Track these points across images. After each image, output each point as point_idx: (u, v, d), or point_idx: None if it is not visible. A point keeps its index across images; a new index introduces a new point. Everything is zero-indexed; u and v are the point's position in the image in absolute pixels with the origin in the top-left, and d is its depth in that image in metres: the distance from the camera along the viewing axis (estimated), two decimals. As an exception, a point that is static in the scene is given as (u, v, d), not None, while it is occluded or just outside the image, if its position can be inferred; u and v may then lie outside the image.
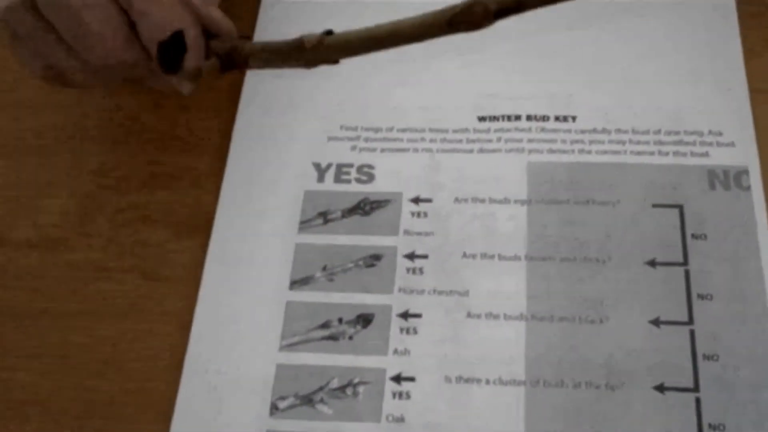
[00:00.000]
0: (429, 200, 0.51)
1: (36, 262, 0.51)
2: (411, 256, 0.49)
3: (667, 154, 0.51)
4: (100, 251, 0.51)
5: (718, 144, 0.51)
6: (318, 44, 0.42)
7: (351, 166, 0.52)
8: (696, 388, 0.44)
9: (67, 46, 0.45)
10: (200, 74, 0.45)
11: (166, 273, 0.50)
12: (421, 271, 0.48)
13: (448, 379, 0.45)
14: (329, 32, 0.42)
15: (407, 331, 0.47)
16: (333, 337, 0.47)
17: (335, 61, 0.43)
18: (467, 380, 0.45)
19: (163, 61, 0.44)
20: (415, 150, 0.52)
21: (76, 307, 0.50)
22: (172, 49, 0.44)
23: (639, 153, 0.51)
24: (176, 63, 0.44)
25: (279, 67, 0.45)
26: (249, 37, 0.45)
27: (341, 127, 0.53)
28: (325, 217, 0.51)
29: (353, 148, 0.53)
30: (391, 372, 0.46)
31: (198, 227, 0.51)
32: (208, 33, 0.45)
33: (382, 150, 0.52)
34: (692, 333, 0.45)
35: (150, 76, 0.47)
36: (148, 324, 0.49)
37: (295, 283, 0.49)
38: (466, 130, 0.53)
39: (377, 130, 0.53)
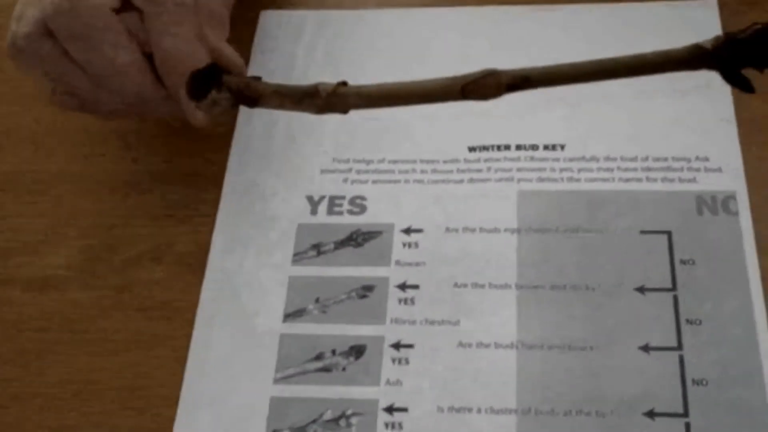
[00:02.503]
0: (420, 230, 0.51)
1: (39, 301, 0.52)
2: (403, 287, 0.49)
3: (655, 180, 0.51)
4: (102, 289, 0.52)
5: (706, 170, 0.51)
6: (332, 93, 0.43)
7: (343, 198, 0.53)
8: (686, 413, 0.44)
9: (81, 73, 0.46)
10: (215, 106, 0.46)
11: (162, 308, 0.51)
12: (412, 301, 0.49)
13: (440, 409, 0.46)
14: (344, 83, 0.43)
15: (399, 362, 0.47)
16: (326, 369, 0.48)
17: (345, 111, 0.44)
18: (459, 410, 0.46)
19: (192, 89, 0.45)
20: (407, 181, 0.53)
21: (79, 344, 0.50)
22: (204, 80, 0.45)
23: (627, 180, 0.51)
24: (204, 92, 0.45)
25: (289, 109, 0.46)
26: (259, 78, 0.46)
27: (333, 160, 0.54)
28: (318, 249, 0.51)
29: (345, 180, 0.53)
30: (384, 403, 0.46)
31: (193, 261, 0.52)
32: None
33: (374, 182, 0.53)
34: (681, 358, 0.46)
35: (160, 105, 0.48)
36: (149, 360, 0.49)
37: (289, 316, 0.49)
38: (456, 160, 0.53)
39: (369, 162, 0.54)
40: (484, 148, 0.54)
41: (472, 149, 0.54)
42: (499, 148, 0.53)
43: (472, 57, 0.57)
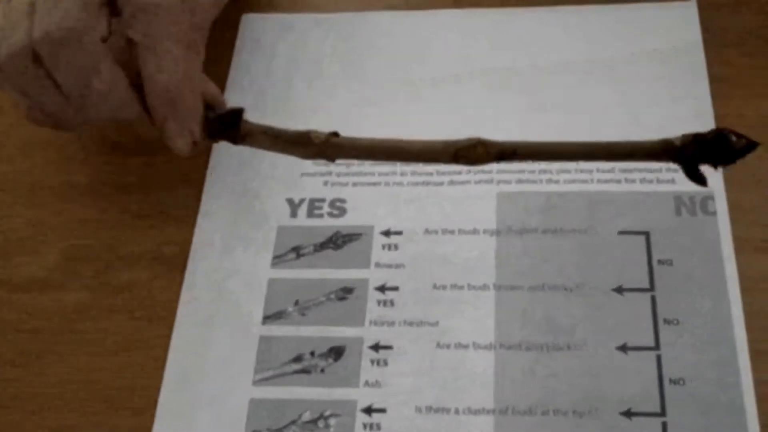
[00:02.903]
0: (400, 233, 0.51)
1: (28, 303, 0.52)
2: (382, 289, 0.50)
3: (633, 181, 0.51)
4: (83, 291, 0.52)
5: (684, 170, 0.51)
6: (325, 142, 0.44)
7: (323, 200, 0.53)
8: (663, 413, 0.44)
9: (63, 98, 0.46)
10: (198, 138, 0.47)
11: (144, 310, 0.51)
12: (392, 303, 0.49)
13: (418, 410, 0.46)
14: (335, 133, 0.44)
15: (378, 363, 0.47)
16: (305, 371, 0.48)
17: (333, 160, 0.45)
18: (437, 410, 0.46)
19: (210, 128, 0.46)
20: (386, 183, 0.53)
21: (61, 346, 0.50)
22: (225, 122, 0.46)
23: (606, 181, 0.52)
24: (222, 132, 0.46)
25: (276, 151, 0.46)
26: (240, 110, 0.46)
27: (314, 163, 0.54)
28: (298, 251, 0.51)
29: (325, 183, 0.54)
30: (363, 404, 0.46)
31: (173, 263, 0.52)
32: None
33: (354, 184, 0.53)
34: (659, 358, 0.46)
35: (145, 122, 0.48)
36: (130, 361, 0.49)
37: (268, 318, 0.49)
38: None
39: (349, 164, 0.54)
40: (464, 150, 0.54)
41: (454, 151, 0.54)
42: (478, 150, 0.54)
43: (470, 57, 0.57)
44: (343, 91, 0.58)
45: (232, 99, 0.58)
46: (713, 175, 0.50)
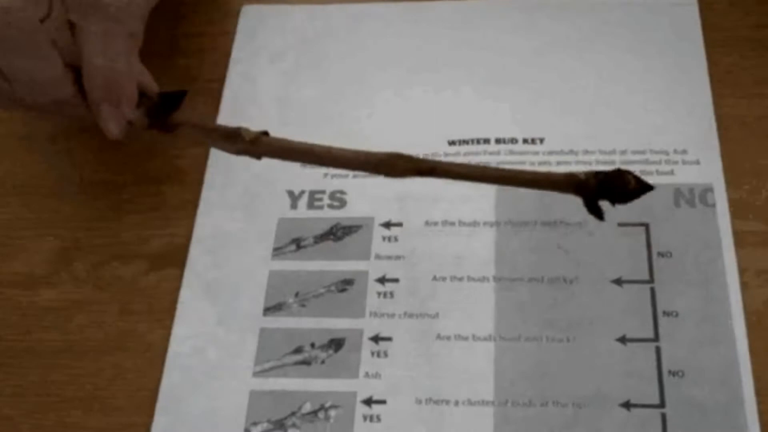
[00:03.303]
0: (400, 224, 0.51)
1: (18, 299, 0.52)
2: (382, 280, 0.50)
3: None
4: (78, 287, 0.52)
5: (684, 162, 0.51)
6: (254, 140, 0.44)
7: (323, 192, 0.53)
8: (662, 404, 0.45)
9: (2, 76, 0.46)
10: (130, 125, 0.47)
11: (143, 305, 0.51)
12: (392, 294, 0.49)
13: (418, 401, 0.46)
14: (265, 132, 0.45)
15: (378, 355, 0.48)
16: (306, 362, 0.48)
17: (259, 158, 0.46)
18: (437, 402, 0.46)
19: (153, 112, 0.47)
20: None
21: (56, 342, 0.50)
22: (166, 104, 0.46)
23: (606, 173, 0.51)
24: (161, 117, 0.46)
25: (205, 143, 0.47)
26: (183, 92, 0.47)
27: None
28: (298, 243, 0.51)
29: (325, 174, 0.54)
30: (362, 395, 0.46)
31: (173, 257, 0.52)
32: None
33: (354, 176, 0.53)
34: (658, 350, 0.46)
35: (76, 110, 0.48)
36: (127, 357, 0.49)
37: (269, 310, 0.49)
38: (436, 154, 0.54)
39: (349, 156, 0.54)
40: (464, 141, 0.54)
41: (452, 143, 0.54)
42: (478, 141, 0.54)
43: (458, 52, 0.58)
44: (342, 83, 0.58)
45: (232, 90, 0.58)
46: (713, 167, 0.51)
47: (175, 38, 0.61)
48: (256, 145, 0.44)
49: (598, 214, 0.44)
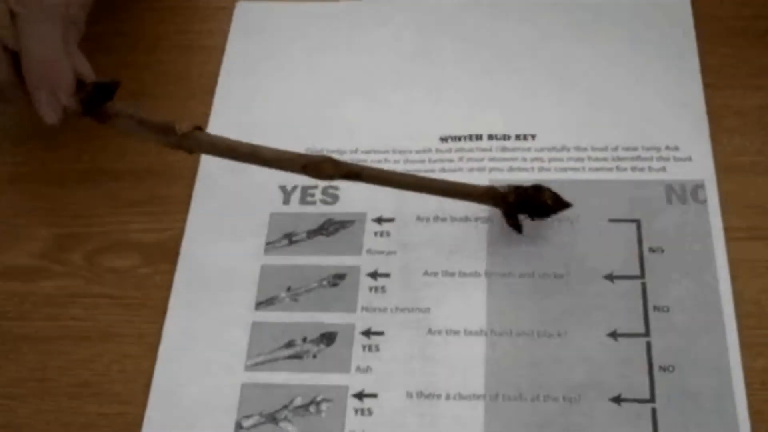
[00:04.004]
0: (392, 220, 0.51)
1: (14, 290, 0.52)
2: (374, 275, 0.50)
3: (625, 169, 0.52)
4: (73, 278, 0.52)
5: (675, 159, 0.52)
6: (187, 134, 0.46)
7: (316, 187, 0.53)
8: (652, 399, 0.45)
9: None
10: (66, 110, 0.48)
11: (137, 297, 0.51)
12: (383, 289, 0.49)
13: (409, 395, 0.46)
14: (199, 127, 0.46)
15: (369, 349, 0.48)
16: (297, 356, 0.48)
17: (191, 152, 0.48)
18: (428, 396, 0.46)
19: (88, 100, 0.48)
20: (379, 171, 0.53)
21: (51, 332, 0.50)
22: (99, 93, 0.48)
23: (597, 169, 0.52)
24: (97, 105, 0.48)
25: (139, 135, 0.49)
26: (116, 83, 0.48)
27: (306, 150, 0.54)
28: (290, 238, 0.51)
29: (318, 170, 0.54)
30: (354, 389, 0.47)
31: (167, 250, 0.52)
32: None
33: (347, 171, 0.53)
34: (649, 345, 0.46)
35: (15, 96, 0.49)
36: (122, 347, 0.49)
37: (261, 304, 0.49)
38: (428, 150, 0.54)
39: (341, 152, 0.54)
40: (456, 138, 0.54)
41: (443, 139, 0.54)
42: (470, 138, 0.54)
43: (448, 52, 0.58)
44: (336, 80, 0.58)
45: (226, 87, 0.58)
46: (705, 163, 0.51)
47: (169, 35, 0.61)
48: (187, 139, 0.46)
49: (517, 228, 0.48)
